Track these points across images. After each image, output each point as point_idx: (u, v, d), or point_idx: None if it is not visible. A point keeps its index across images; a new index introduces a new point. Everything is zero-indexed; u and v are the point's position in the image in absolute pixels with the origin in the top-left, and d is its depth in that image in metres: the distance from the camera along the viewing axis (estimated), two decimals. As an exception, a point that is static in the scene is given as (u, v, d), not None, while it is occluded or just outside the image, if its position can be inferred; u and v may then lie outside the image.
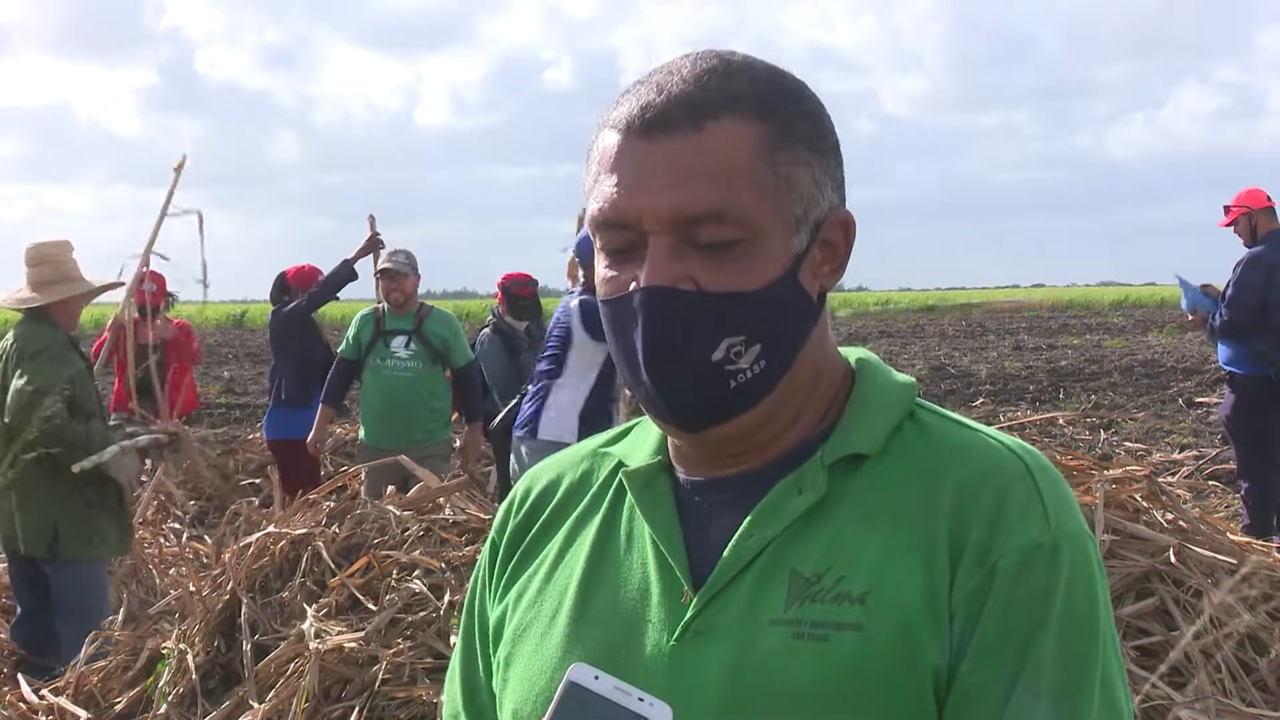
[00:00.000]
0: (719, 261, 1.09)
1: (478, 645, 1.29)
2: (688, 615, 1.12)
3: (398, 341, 7.10)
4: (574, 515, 1.24)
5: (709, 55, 1.13)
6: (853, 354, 1.23)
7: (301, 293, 7.62)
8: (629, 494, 1.20)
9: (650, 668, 1.11)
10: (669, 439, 1.21)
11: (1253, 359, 7.32)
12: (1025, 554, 1.07)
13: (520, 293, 8.16)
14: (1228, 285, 7.38)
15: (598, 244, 1.14)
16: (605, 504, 1.23)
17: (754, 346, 1.10)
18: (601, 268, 1.14)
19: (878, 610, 1.07)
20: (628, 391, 6.16)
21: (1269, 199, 7.41)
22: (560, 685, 1.00)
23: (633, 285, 1.10)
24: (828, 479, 1.12)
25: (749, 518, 1.13)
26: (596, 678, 1.00)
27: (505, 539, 1.28)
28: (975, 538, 1.07)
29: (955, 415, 1.19)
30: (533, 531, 1.26)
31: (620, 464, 1.23)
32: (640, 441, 1.24)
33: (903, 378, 1.21)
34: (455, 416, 7.52)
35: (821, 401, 1.18)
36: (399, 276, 7.04)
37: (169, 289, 8.45)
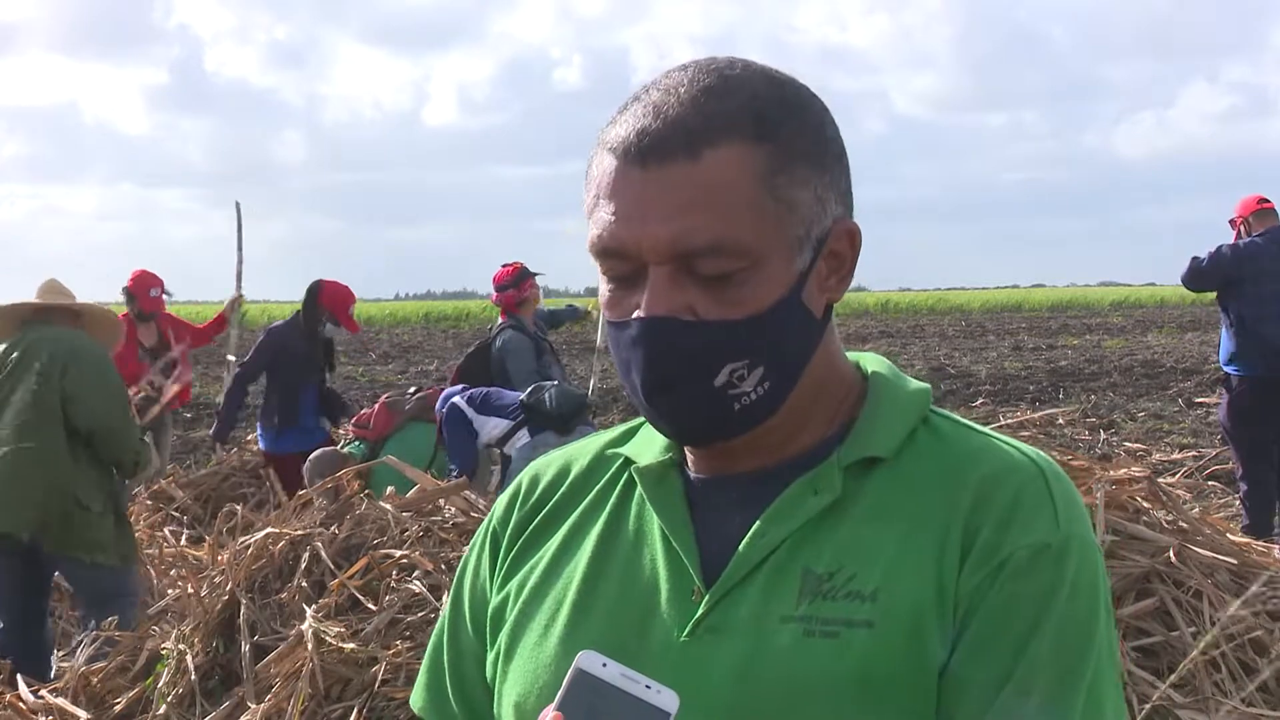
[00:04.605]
0: (719, 291, 1.08)
1: (469, 634, 1.27)
2: (699, 612, 1.11)
3: None
4: (579, 509, 1.23)
5: (708, 69, 1.11)
6: (866, 360, 1.23)
7: (328, 314, 7.69)
8: (638, 490, 1.20)
9: (659, 663, 1.10)
10: None
11: (1245, 359, 7.42)
12: (1033, 553, 1.07)
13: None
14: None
15: (599, 269, 1.14)
16: (612, 499, 1.22)
17: (757, 370, 1.10)
18: (604, 290, 1.14)
19: (889, 607, 1.07)
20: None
21: (1258, 201, 7.61)
22: (569, 672, 1.00)
23: (635, 313, 1.10)
24: (843, 481, 1.13)
25: (763, 516, 1.13)
26: (604, 665, 1.00)
27: (509, 530, 1.27)
28: (985, 535, 1.08)
29: (969, 422, 1.19)
30: (536, 522, 1.25)
31: (627, 461, 1.23)
32: (649, 439, 1.23)
33: (917, 384, 1.20)
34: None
35: (830, 407, 1.18)
36: None
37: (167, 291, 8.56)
